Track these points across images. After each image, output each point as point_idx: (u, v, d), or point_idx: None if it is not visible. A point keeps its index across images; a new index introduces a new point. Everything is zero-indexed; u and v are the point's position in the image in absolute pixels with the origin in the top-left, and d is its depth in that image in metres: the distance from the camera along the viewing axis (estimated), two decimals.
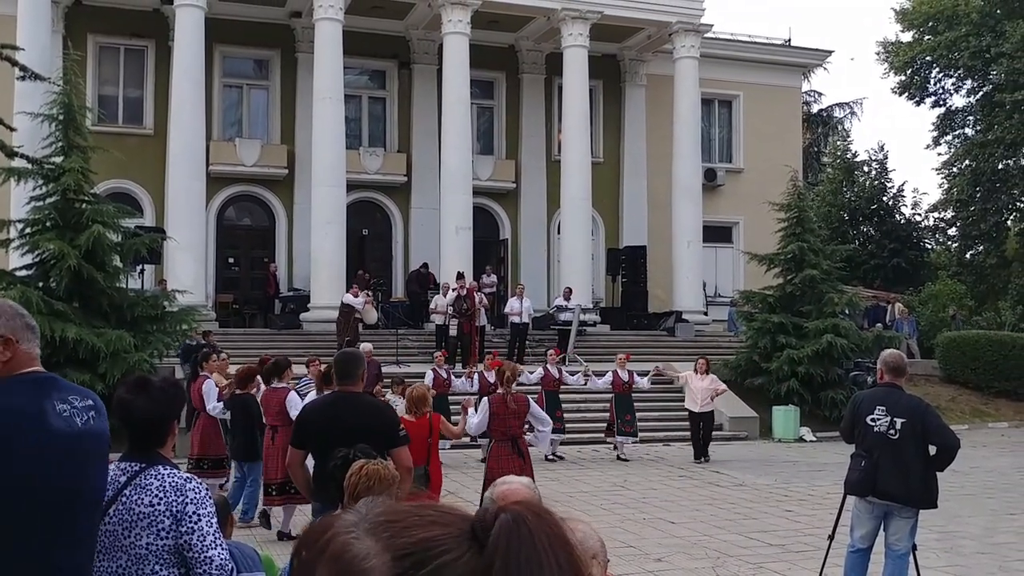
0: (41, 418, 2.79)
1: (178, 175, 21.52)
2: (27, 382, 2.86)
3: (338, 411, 5.49)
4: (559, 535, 1.03)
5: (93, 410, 2.95)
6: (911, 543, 6.60)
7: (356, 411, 5.44)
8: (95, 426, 2.93)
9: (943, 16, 32.65)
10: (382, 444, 5.34)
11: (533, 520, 1.03)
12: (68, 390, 2.95)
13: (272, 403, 9.85)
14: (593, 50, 25.05)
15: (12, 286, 14.80)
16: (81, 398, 2.94)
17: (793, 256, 20.74)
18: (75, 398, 2.92)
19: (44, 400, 2.83)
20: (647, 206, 27.78)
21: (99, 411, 2.98)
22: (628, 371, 15.50)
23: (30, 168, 15.33)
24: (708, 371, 15.41)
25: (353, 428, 5.15)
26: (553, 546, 1.01)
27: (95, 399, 3.00)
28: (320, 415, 5.63)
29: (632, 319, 25.17)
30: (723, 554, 8.90)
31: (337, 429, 5.15)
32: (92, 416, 2.93)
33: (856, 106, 45.23)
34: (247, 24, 24.60)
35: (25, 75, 14.00)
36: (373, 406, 5.76)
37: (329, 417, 5.48)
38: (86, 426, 2.89)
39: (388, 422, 5.58)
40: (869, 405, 6.64)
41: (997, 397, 22.52)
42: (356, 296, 19.79)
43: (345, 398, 5.60)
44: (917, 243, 38.20)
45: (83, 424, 2.88)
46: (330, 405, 5.78)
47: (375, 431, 5.33)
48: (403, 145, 26.34)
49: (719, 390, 15.40)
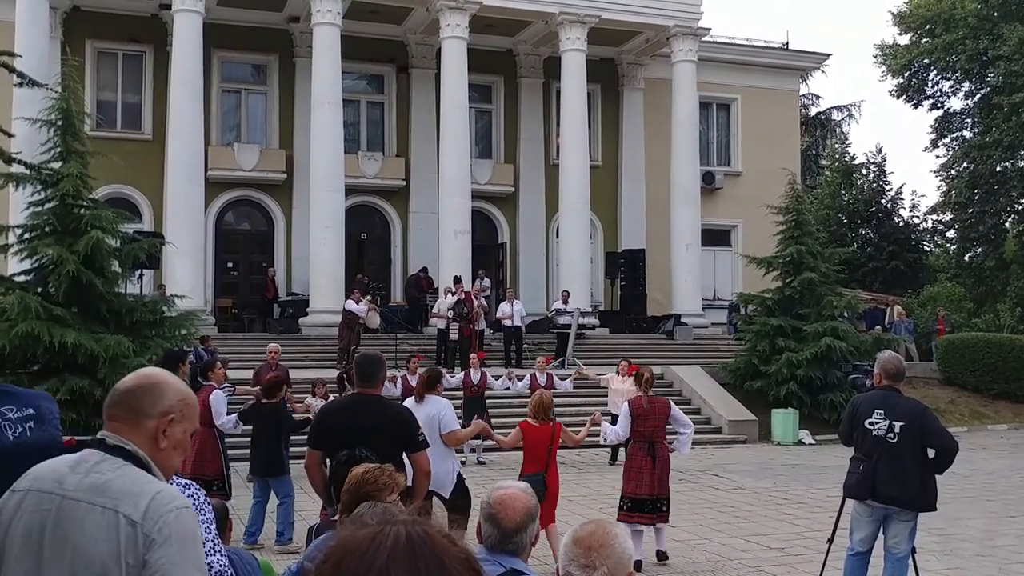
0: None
1: (177, 180, 21.52)
2: None
3: (356, 413, 5.47)
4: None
5: (33, 419, 2.81)
6: (910, 546, 6.60)
7: (373, 414, 5.41)
8: (31, 438, 2.79)
9: (940, 19, 32.71)
10: (400, 448, 5.34)
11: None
12: (4, 399, 2.81)
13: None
14: (591, 54, 25.08)
15: (11, 292, 14.77)
16: (19, 408, 2.80)
17: (792, 259, 20.74)
18: (10, 408, 2.78)
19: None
20: (645, 209, 27.80)
21: (41, 419, 2.83)
22: (547, 374, 15.41)
23: (28, 174, 15.29)
24: (631, 373, 14.96)
25: (370, 430, 5.13)
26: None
27: (39, 406, 2.85)
28: (337, 416, 5.60)
29: (631, 322, 25.18)
30: (722, 557, 8.90)
31: (353, 431, 5.12)
32: (30, 427, 2.79)
33: (854, 109, 45.28)
34: (245, 29, 24.62)
35: (23, 81, 13.97)
36: (392, 409, 5.72)
37: (346, 419, 5.46)
38: (20, 439, 2.77)
39: (406, 426, 5.55)
40: (868, 408, 6.64)
41: (996, 399, 22.52)
42: (358, 302, 19.80)
43: (364, 400, 5.58)
44: (916, 246, 38.25)
45: (16, 437, 2.76)
46: (348, 407, 5.76)
47: (392, 434, 5.32)
48: (401, 149, 26.36)
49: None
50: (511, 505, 3.03)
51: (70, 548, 2.20)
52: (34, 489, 2.29)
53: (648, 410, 8.71)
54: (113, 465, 2.28)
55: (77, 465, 2.31)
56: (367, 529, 1.31)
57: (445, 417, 7.51)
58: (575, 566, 2.59)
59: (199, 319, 17.91)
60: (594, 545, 2.59)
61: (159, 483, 2.29)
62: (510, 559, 3.00)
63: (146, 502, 2.20)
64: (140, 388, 2.40)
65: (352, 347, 18.90)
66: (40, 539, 2.23)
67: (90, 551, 2.18)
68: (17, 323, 14.05)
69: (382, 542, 1.27)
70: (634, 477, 8.67)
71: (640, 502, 8.61)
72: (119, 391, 2.41)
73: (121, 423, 2.36)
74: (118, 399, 2.40)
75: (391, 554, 1.25)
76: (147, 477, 2.30)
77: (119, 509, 2.19)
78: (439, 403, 7.59)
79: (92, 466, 2.28)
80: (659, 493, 8.65)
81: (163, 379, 2.47)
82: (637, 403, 8.78)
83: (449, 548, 1.30)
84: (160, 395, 2.39)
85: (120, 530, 2.18)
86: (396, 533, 1.28)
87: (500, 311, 21.47)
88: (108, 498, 2.21)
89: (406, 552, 1.26)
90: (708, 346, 23.67)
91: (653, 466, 8.58)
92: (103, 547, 2.17)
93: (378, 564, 1.24)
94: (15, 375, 14.42)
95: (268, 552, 8.90)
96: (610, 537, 2.62)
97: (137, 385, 2.41)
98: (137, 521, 2.18)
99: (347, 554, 1.28)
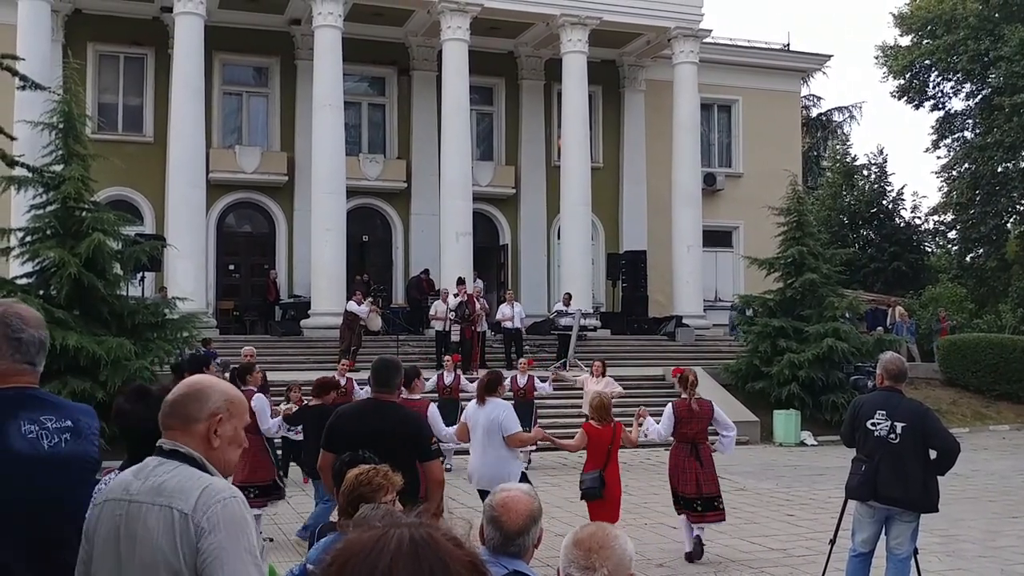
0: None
1: (178, 182, 21.53)
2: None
3: (370, 417, 5.45)
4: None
5: (70, 431, 2.86)
6: (912, 547, 6.59)
7: (386, 419, 5.39)
8: (67, 449, 2.83)
9: (941, 20, 32.71)
10: (412, 455, 5.28)
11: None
12: (45, 409, 2.85)
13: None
14: (592, 56, 25.09)
15: (12, 294, 14.79)
16: (59, 419, 2.85)
17: (793, 260, 20.74)
18: (49, 418, 2.82)
19: (7, 420, 2.75)
20: (647, 211, 27.81)
21: (79, 433, 2.88)
22: (528, 376, 15.14)
23: (30, 177, 15.33)
24: (604, 374, 14.57)
25: (382, 435, 5.11)
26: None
27: (79, 420, 2.90)
28: (351, 420, 5.58)
29: (632, 324, 25.17)
30: (725, 559, 8.90)
31: (366, 435, 5.09)
32: (66, 438, 2.84)
33: (855, 110, 45.26)
34: (247, 31, 24.63)
35: (25, 85, 13.99)
36: (406, 415, 5.67)
37: (359, 423, 5.44)
38: (54, 449, 2.80)
39: (419, 433, 5.52)
40: (869, 409, 6.64)
41: (998, 400, 22.50)
42: (360, 304, 19.81)
43: (379, 405, 5.56)
44: (917, 246, 38.25)
45: (51, 447, 2.80)
46: (362, 411, 5.74)
47: (405, 441, 5.28)
48: (403, 151, 26.37)
49: (615, 393, 14.00)
50: (513, 508, 3.04)
51: (138, 545, 2.47)
52: (109, 499, 2.58)
53: (694, 412, 8.79)
54: (169, 468, 2.55)
55: (139, 472, 2.58)
56: (371, 531, 1.32)
57: (507, 419, 7.69)
58: (575, 568, 2.59)
59: (201, 321, 17.94)
60: (594, 547, 2.59)
61: (210, 478, 2.54)
62: (512, 561, 3.00)
63: (196, 496, 2.46)
64: (187, 396, 2.65)
65: (353, 348, 18.93)
66: (116, 542, 2.51)
67: (152, 545, 2.45)
68: None
69: (385, 544, 1.28)
70: (680, 476, 8.83)
71: (689, 500, 8.76)
72: (169, 402, 2.66)
73: (176, 430, 2.62)
74: (170, 409, 2.64)
75: (394, 556, 1.26)
76: (199, 474, 2.54)
77: (173, 505, 2.45)
78: (500, 405, 7.78)
79: (151, 471, 2.56)
80: (709, 491, 8.79)
81: (207, 384, 2.72)
82: (682, 405, 8.83)
83: (454, 551, 1.30)
84: (206, 399, 2.64)
85: (175, 524, 2.43)
86: (400, 536, 1.29)
87: (500, 313, 21.48)
88: (164, 496, 2.48)
89: (409, 555, 1.26)
90: (709, 347, 23.67)
91: (701, 466, 8.75)
92: (163, 540, 2.44)
93: (381, 567, 1.25)
94: None
95: (273, 553, 8.91)
96: (610, 539, 2.62)
97: (184, 394, 2.66)
98: (188, 513, 2.43)
99: (351, 556, 1.28)
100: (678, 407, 8.83)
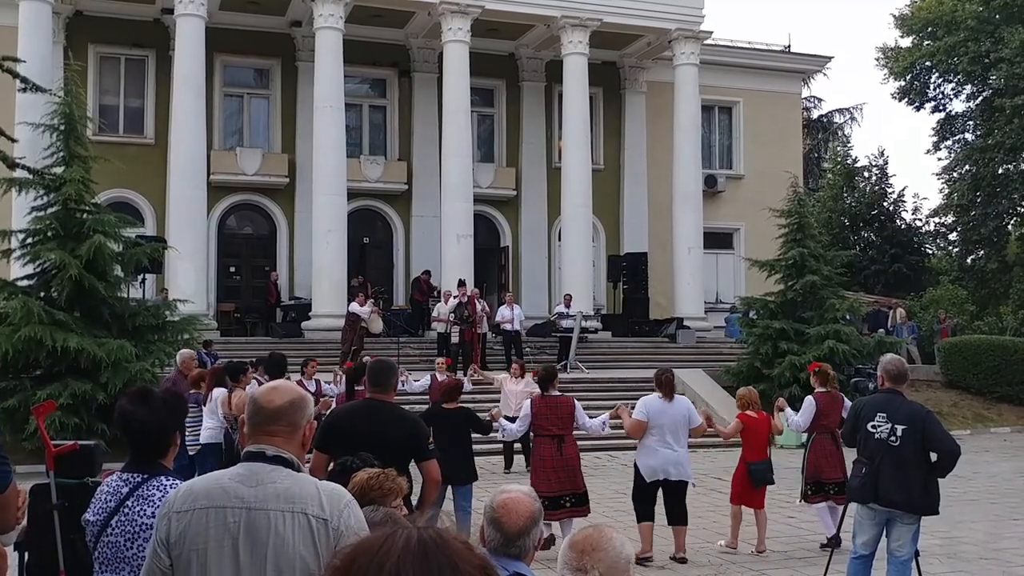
0: None
1: (179, 184, 21.55)
2: None
3: (364, 418, 5.45)
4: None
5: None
6: (913, 549, 6.59)
7: (382, 420, 5.39)
8: None
9: (942, 21, 32.70)
10: (408, 455, 5.28)
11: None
12: None
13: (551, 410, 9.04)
14: (593, 57, 25.10)
15: (13, 296, 14.81)
16: None
17: (794, 262, 20.72)
18: None
19: None
20: (648, 213, 27.81)
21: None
22: (448, 375, 14.92)
23: (31, 179, 15.33)
24: (523, 374, 14.09)
25: (377, 436, 5.08)
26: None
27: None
28: (346, 421, 5.58)
29: (633, 326, 25.17)
30: (726, 561, 8.90)
31: (362, 435, 5.08)
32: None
33: (856, 111, 45.24)
34: (247, 33, 24.65)
35: (26, 87, 14.00)
36: (401, 416, 5.66)
37: (355, 423, 5.44)
38: None
39: (416, 434, 5.51)
40: (870, 411, 6.64)
41: (999, 402, 22.47)
42: (362, 305, 19.81)
43: (374, 406, 5.56)
44: (918, 248, 38.24)
45: None
46: (357, 411, 5.74)
47: (400, 441, 5.27)
48: (404, 153, 26.38)
49: (534, 393, 13.81)
50: (514, 509, 3.03)
51: (270, 551, 2.57)
52: (212, 507, 2.63)
53: (832, 404, 9.42)
54: (282, 474, 2.66)
55: (246, 479, 2.66)
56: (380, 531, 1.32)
57: (693, 413, 8.94)
58: (568, 569, 2.59)
59: (201, 323, 17.94)
60: (587, 549, 2.59)
61: (317, 481, 2.71)
62: (513, 563, 3.00)
63: (323, 501, 2.62)
64: (294, 404, 2.78)
65: (354, 349, 18.93)
66: (234, 548, 2.59)
67: (290, 550, 2.56)
68: (20, 327, 14.09)
69: (393, 544, 1.28)
70: (827, 463, 9.31)
71: (833, 485, 9.20)
72: (275, 409, 2.75)
73: (282, 436, 2.73)
74: (275, 416, 2.74)
75: (401, 556, 1.26)
76: (305, 477, 2.70)
77: (307, 512, 2.59)
78: (685, 401, 9.04)
79: (263, 477, 2.65)
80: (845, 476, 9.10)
81: (303, 392, 2.89)
82: (823, 398, 9.43)
83: (463, 552, 1.30)
84: (307, 406, 2.83)
85: (314, 530, 2.58)
86: (408, 536, 1.29)
87: (499, 315, 21.47)
88: (294, 503, 2.60)
89: (417, 555, 1.26)
90: (710, 349, 23.65)
91: (843, 456, 9.15)
92: (301, 545, 2.57)
93: (388, 566, 1.25)
94: (18, 379, 14.47)
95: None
96: (604, 541, 2.62)
97: (290, 401, 2.78)
98: (325, 519, 2.59)
99: (359, 555, 1.29)
100: (820, 399, 9.41)
